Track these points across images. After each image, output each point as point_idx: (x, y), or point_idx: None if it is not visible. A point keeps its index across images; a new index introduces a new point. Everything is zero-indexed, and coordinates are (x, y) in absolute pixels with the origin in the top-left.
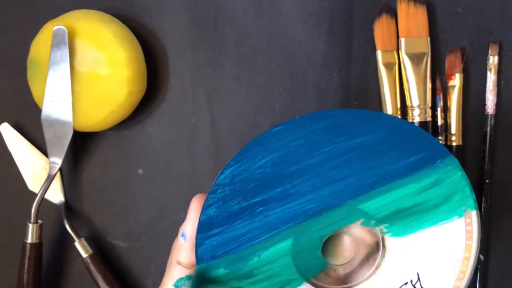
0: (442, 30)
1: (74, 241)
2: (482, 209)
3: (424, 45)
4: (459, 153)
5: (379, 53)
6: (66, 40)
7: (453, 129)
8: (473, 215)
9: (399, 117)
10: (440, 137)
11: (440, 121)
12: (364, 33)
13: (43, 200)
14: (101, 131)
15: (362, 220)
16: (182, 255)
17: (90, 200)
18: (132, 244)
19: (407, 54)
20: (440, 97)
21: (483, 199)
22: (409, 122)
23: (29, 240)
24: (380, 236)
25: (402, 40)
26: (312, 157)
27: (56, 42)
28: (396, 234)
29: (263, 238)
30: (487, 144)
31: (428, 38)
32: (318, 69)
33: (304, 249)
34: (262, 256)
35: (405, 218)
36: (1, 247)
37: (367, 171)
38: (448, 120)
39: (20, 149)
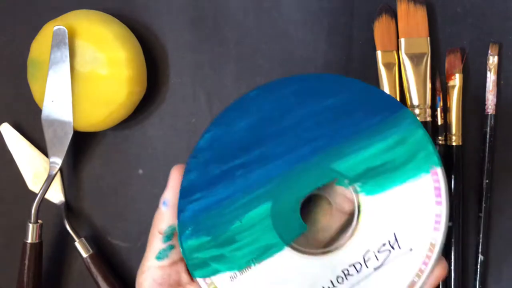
0: (442, 30)
1: (74, 241)
2: (482, 209)
3: (424, 45)
4: (459, 153)
5: (379, 53)
6: (66, 40)
7: (453, 129)
8: (439, 171)
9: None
10: (440, 137)
11: (440, 121)
12: (364, 33)
13: (43, 200)
14: (101, 131)
15: (336, 179)
16: (164, 223)
17: (90, 200)
18: (132, 244)
19: (407, 54)
20: (440, 97)
21: (483, 199)
22: (372, 85)
23: (29, 240)
24: (356, 199)
25: (402, 40)
26: (286, 120)
27: (56, 42)
28: (369, 193)
29: (243, 202)
30: (487, 144)
31: (428, 38)
32: (318, 69)
33: (283, 211)
34: (244, 220)
35: (376, 177)
36: (1, 247)
37: (337, 132)
38: (448, 120)
39: (20, 149)
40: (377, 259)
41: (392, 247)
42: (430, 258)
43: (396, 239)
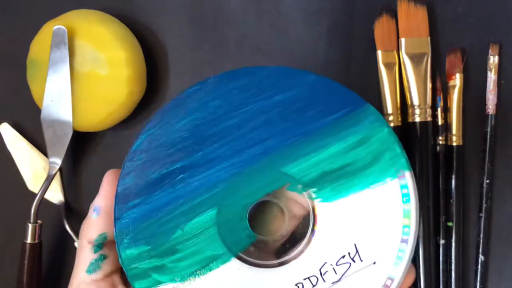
0: (442, 30)
1: (74, 241)
2: (483, 209)
3: (424, 45)
4: (460, 153)
5: (379, 53)
6: (66, 40)
7: (453, 129)
8: (408, 176)
9: (399, 118)
10: (440, 137)
11: (440, 121)
12: (364, 33)
13: (43, 200)
14: (101, 131)
15: (288, 184)
16: (94, 232)
17: (90, 200)
18: None
19: (407, 54)
20: (440, 97)
21: (483, 199)
22: (328, 78)
23: (29, 240)
24: (310, 205)
25: (402, 40)
26: (231, 118)
27: (56, 42)
28: (325, 199)
29: (185, 209)
30: (487, 144)
31: (428, 38)
32: (318, 69)
33: (230, 219)
34: (186, 228)
35: (333, 181)
36: (1, 247)
37: (288, 131)
38: (448, 120)
39: (20, 149)
40: (336, 273)
41: (353, 260)
42: (397, 272)
43: (357, 251)
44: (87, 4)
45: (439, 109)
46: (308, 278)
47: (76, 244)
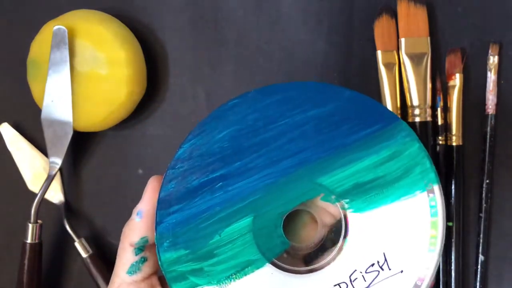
0: (442, 30)
1: (74, 241)
2: (483, 209)
3: (424, 45)
4: (459, 153)
5: (379, 53)
6: (66, 40)
7: (453, 129)
8: (436, 189)
9: (399, 116)
10: (440, 137)
11: (440, 121)
12: (364, 33)
13: (43, 200)
14: (101, 131)
15: (322, 195)
16: (136, 235)
17: (90, 200)
18: None
19: (407, 54)
20: (440, 97)
21: (483, 199)
22: (363, 94)
23: (29, 240)
24: (342, 215)
25: (402, 40)
26: (268, 131)
27: (56, 42)
28: (357, 210)
29: (223, 215)
30: (487, 144)
31: (428, 38)
32: (318, 69)
33: (265, 227)
34: (223, 234)
35: (365, 193)
36: (1, 247)
37: (324, 144)
38: (448, 120)
39: (20, 149)
40: (365, 280)
41: (381, 268)
42: (423, 281)
43: (385, 260)
44: (87, 4)
45: (439, 109)
46: (338, 284)
47: (76, 244)
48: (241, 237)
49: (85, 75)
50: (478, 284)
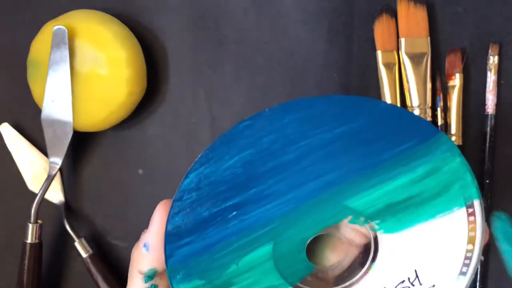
0: (442, 30)
1: (74, 241)
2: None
3: (424, 45)
4: None
5: (379, 53)
6: (66, 40)
7: (453, 129)
8: (476, 204)
9: None
10: None
11: (440, 121)
12: (364, 33)
13: (43, 200)
14: (101, 131)
15: (349, 217)
16: (144, 265)
17: (90, 200)
18: (132, 244)
19: (407, 54)
20: (440, 97)
21: (484, 199)
22: (397, 105)
23: (29, 240)
24: (371, 235)
25: (402, 40)
26: (288, 153)
27: (56, 42)
28: (389, 231)
29: (239, 244)
30: (487, 144)
31: (428, 38)
32: (318, 69)
33: (287, 253)
34: (240, 263)
35: (398, 213)
36: (1, 247)
37: (351, 164)
38: (448, 120)
39: (20, 149)
40: None
41: (412, 284)
42: None
43: (417, 276)
44: (87, 4)
45: (438, 109)
46: None
47: (76, 244)
48: (261, 264)
49: (85, 75)
50: (478, 284)
